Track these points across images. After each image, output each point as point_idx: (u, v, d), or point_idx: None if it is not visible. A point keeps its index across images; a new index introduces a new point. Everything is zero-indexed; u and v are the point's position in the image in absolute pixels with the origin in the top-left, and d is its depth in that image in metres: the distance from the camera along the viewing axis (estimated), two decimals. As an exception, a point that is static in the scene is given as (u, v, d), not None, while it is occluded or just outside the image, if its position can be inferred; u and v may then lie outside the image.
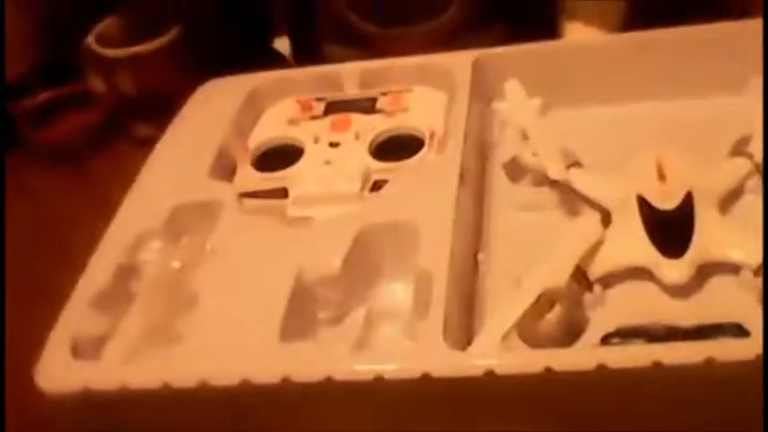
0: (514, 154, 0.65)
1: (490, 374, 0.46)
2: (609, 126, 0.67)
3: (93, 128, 0.84)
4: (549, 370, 0.45)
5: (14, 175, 0.82)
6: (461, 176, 0.59)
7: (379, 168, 0.63)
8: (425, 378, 0.46)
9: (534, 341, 0.51)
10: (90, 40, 0.81)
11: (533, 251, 0.57)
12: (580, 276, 0.54)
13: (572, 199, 0.61)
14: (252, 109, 0.71)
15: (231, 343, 0.50)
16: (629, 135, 0.66)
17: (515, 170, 0.65)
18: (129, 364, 0.51)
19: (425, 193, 0.58)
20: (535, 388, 0.46)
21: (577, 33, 0.77)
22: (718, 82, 0.66)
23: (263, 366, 0.48)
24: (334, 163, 0.64)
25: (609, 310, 0.53)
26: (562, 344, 0.52)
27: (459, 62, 0.69)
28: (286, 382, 0.48)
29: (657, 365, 0.45)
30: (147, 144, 0.81)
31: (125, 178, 0.79)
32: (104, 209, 0.77)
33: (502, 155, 0.66)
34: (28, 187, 0.81)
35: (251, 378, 0.48)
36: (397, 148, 0.65)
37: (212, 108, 0.72)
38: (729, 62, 0.66)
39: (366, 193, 0.62)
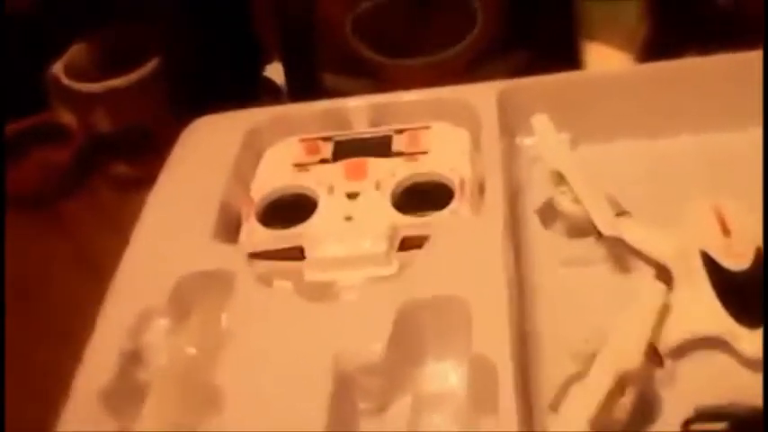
0: (549, 198, 0.59)
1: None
2: (645, 162, 0.62)
3: (64, 167, 0.76)
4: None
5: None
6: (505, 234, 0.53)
7: (407, 224, 0.56)
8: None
9: (606, 429, 0.46)
10: (57, 69, 0.73)
11: (587, 316, 0.52)
12: (652, 352, 0.48)
13: (621, 252, 0.56)
14: (251, 151, 0.64)
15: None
16: (669, 172, 0.61)
17: (550, 216, 0.59)
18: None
19: (470, 260, 0.52)
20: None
21: (599, 56, 0.71)
22: (753, 112, 0.61)
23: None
24: (354, 218, 0.57)
25: (684, 388, 0.48)
26: (636, 430, 0.47)
27: (483, 95, 0.62)
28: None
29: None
30: (127, 186, 0.75)
31: (105, 225, 0.72)
32: (87, 262, 0.70)
33: (533, 198, 0.60)
34: (-3, 236, 0.73)
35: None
36: (421, 197, 0.58)
37: (206, 151, 0.64)
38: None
39: (394, 252, 0.55)
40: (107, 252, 0.65)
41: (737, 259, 0.51)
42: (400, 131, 0.63)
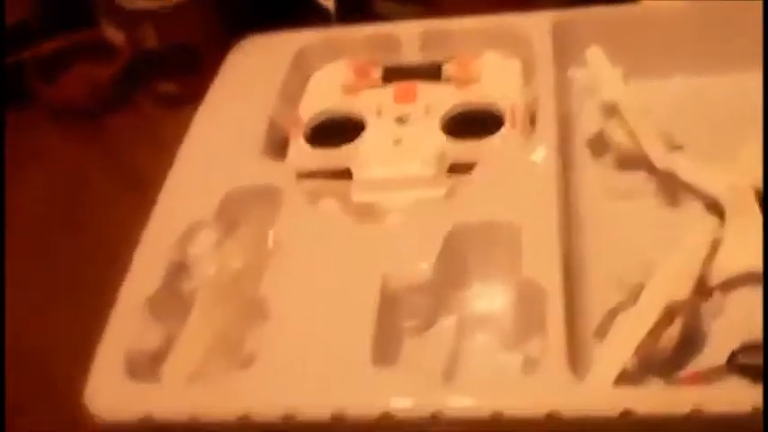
0: (599, 130, 0.58)
1: (628, 415, 0.40)
2: (699, 98, 0.61)
3: (109, 83, 0.75)
4: (697, 410, 0.40)
5: (24, 137, 0.74)
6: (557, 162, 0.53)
7: (456, 149, 0.56)
8: (552, 417, 0.40)
9: (651, 358, 0.46)
10: (106, -15, 0.72)
11: (635, 247, 0.51)
12: (701, 285, 0.48)
13: (671, 186, 0.55)
14: (299, 72, 0.64)
15: (317, 366, 0.44)
16: (723, 109, 0.59)
17: (600, 148, 0.58)
18: (198, 390, 0.45)
19: (520, 185, 0.51)
20: (678, 428, 0.40)
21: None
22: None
23: (360, 398, 0.42)
24: (403, 142, 0.57)
25: (730, 322, 0.48)
26: (681, 360, 0.46)
27: (537, 26, 0.61)
28: (386, 417, 0.41)
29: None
30: (172, 104, 0.74)
31: (149, 141, 0.72)
32: (131, 178, 0.70)
33: (584, 130, 0.59)
34: (41, 151, 0.72)
35: (346, 412, 0.42)
36: (471, 124, 0.58)
37: (254, 70, 0.64)
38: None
39: (442, 176, 0.55)
40: (150, 168, 0.65)
41: (792, 196, 0.50)
42: (451, 58, 0.62)
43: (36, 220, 0.68)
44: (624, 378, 0.44)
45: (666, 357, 0.46)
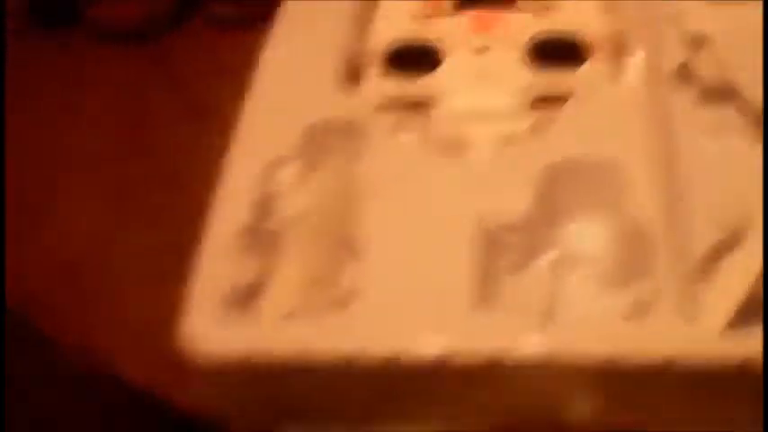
0: (685, 61, 0.56)
1: (748, 362, 0.39)
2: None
3: (163, 5, 0.73)
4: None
5: (76, 63, 0.72)
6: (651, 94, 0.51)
7: (540, 81, 0.54)
8: (668, 363, 0.40)
9: (751, 301, 0.45)
10: None
11: (729, 184, 0.49)
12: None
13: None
14: (367, -1, 0.61)
15: (419, 306, 0.43)
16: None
17: (686, 81, 0.57)
18: (300, 328, 0.44)
19: (615, 120, 0.50)
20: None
21: None
22: None
23: (466, 341, 0.41)
24: (486, 74, 0.55)
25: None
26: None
27: (617, -50, 0.59)
28: (494, 360, 0.41)
29: None
30: (230, 26, 0.72)
31: (208, 66, 0.70)
32: (190, 103, 0.68)
33: (667, 61, 0.57)
34: (97, 78, 0.71)
35: (453, 353, 0.41)
36: (554, 54, 0.56)
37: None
38: None
39: (527, 111, 0.53)
40: (211, 93, 0.64)
41: None
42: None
43: (96, 147, 0.67)
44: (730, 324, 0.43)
45: (754, 301, 0.45)
